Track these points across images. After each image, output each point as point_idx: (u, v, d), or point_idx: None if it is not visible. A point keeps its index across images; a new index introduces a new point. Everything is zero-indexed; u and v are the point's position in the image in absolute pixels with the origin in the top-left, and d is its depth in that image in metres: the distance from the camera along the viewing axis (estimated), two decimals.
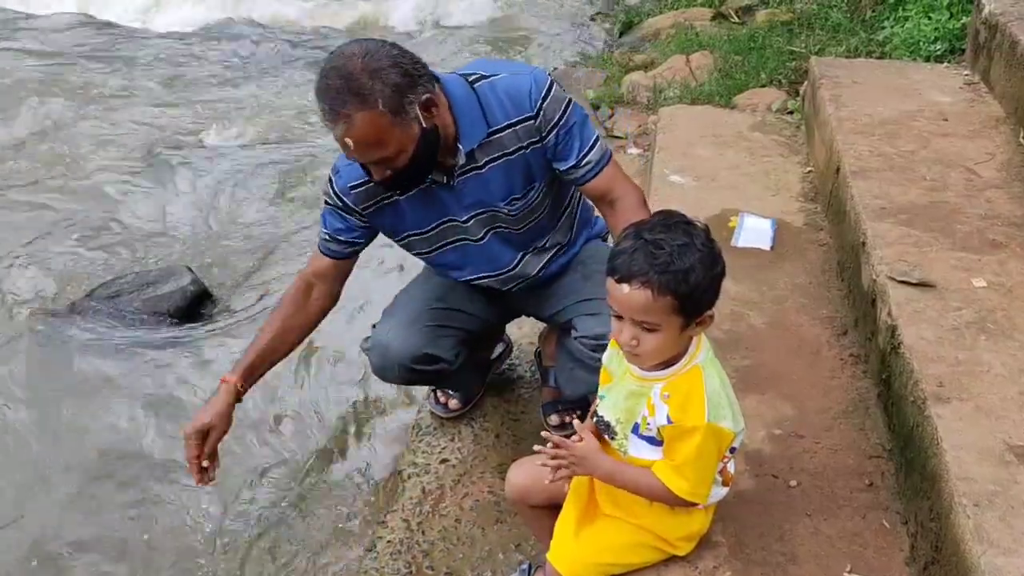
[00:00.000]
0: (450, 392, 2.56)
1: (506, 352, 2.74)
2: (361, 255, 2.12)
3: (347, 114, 1.68)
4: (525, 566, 2.09)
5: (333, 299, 2.12)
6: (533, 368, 2.72)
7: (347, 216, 2.00)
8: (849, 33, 4.72)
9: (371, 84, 1.67)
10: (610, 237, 2.12)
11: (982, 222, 2.45)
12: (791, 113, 3.94)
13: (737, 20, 5.80)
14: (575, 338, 2.10)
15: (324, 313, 2.11)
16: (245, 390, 1.99)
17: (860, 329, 2.38)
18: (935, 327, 2.03)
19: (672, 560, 1.74)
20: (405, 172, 1.80)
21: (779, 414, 2.16)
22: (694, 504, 1.62)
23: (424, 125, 1.76)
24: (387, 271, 3.56)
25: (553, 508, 1.79)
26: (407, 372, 2.19)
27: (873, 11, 4.84)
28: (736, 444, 1.61)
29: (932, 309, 2.09)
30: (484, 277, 2.14)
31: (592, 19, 7.15)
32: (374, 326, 2.24)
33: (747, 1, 6.03)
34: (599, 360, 1.72)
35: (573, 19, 7.34)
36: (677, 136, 3.67)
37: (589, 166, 1.95)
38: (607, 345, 1.78)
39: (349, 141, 1.71)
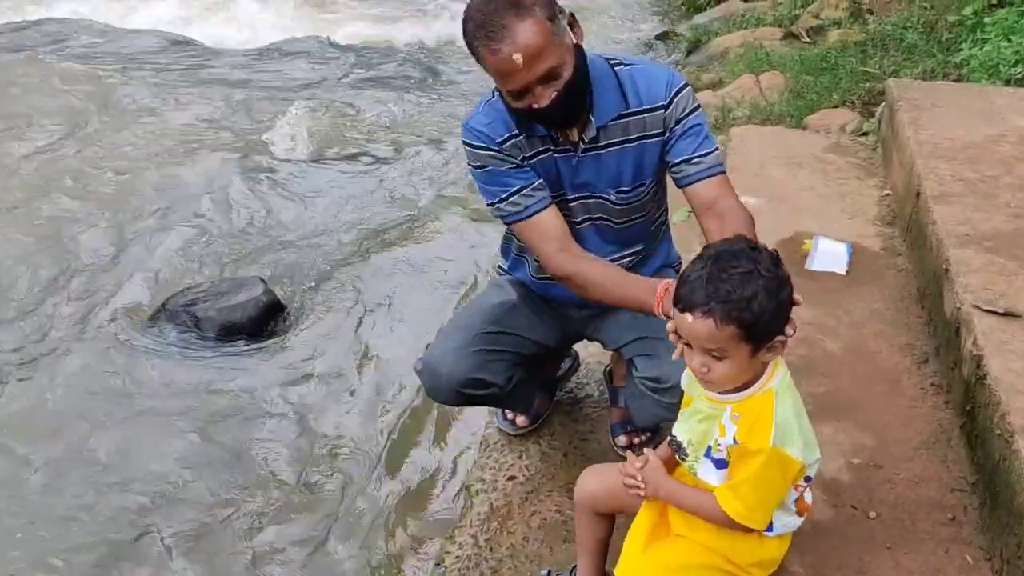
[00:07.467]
0: None
1: (573, 368, 2.73)
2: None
3: (510, 27, 1.67)
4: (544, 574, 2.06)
5: None
6: (602, 387, 2.71)
7: (519, 167, 1.92)
8: (925, 55, 4.64)
9: None
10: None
11: None
12: (865, 135, 3.88)
13: (808, 40, 5.73)
14: (636, 377, 2.08)
15: None
16: None
17: (942, 358, 2.32)
18: (1023, 358, 1.98)
19: None
20: (572, 89, 1.77)
21: (857, 443, 2.12)
22: (750, 529, 1.58)
23: (575, 40, 1.78)
24: (449, 285, 3.62)
25: (612, 521, 1.79)
26: (457, 396, 2.18)
27: (950, 32, 4.74)
28: (811, 473, 1.59)
29: (1019, 339, 2.04)
30: None
31: (658, 38, 7.13)
32: (428, 346, 2.23)
33: (818, 21, 5.96)
34: (662, 399, 1.71)
35: (639, 37, 7.34)
36: (749, 156, 3.64)
37: (703, 166, 1.90)
38: (666, 386, 1.76)
39: (518, 56, 1.68)
